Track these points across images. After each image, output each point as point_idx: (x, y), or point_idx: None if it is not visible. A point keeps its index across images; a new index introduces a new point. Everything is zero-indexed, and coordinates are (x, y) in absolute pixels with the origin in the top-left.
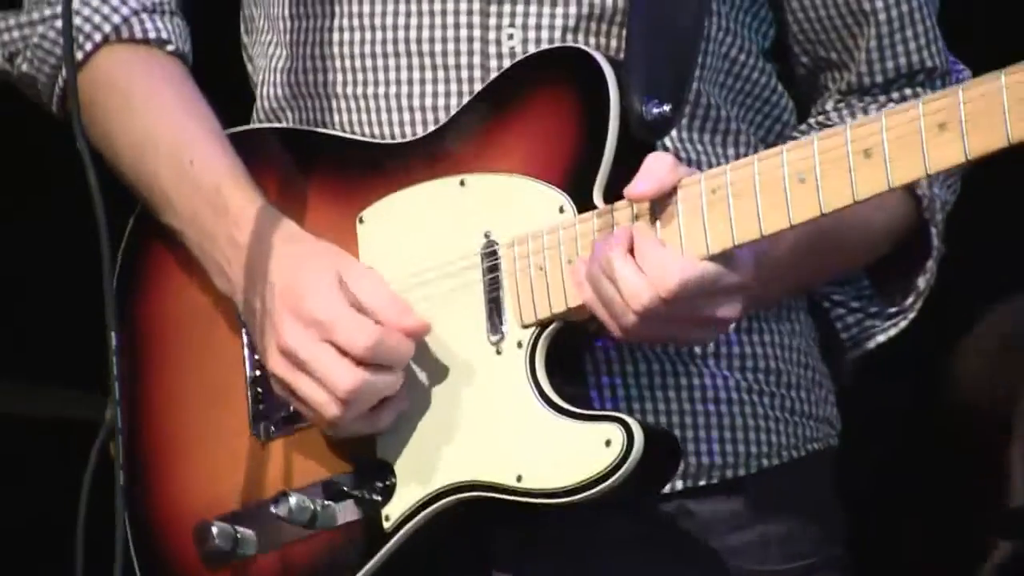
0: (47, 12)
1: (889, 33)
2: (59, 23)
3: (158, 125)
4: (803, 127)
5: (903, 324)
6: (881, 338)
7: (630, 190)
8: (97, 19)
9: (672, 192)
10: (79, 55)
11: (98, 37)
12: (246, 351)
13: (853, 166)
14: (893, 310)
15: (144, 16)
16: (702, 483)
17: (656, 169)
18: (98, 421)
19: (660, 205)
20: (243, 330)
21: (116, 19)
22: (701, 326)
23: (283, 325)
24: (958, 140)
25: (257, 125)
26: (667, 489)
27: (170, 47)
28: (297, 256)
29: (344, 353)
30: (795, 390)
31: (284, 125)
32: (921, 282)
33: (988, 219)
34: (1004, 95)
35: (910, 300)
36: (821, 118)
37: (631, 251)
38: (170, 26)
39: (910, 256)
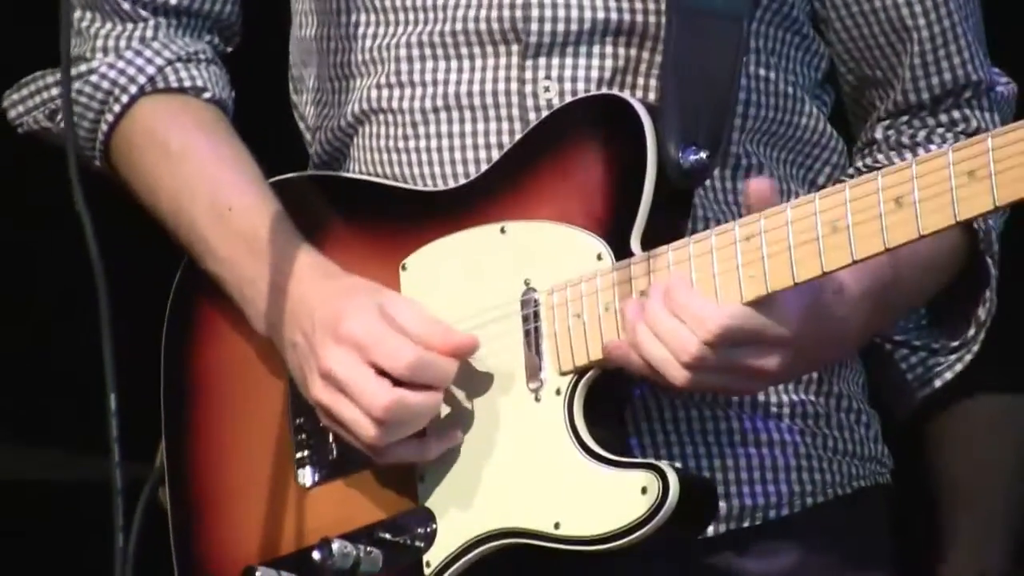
0: (83, 68)
1: (932, 49)
2: (92, 79)
3: (195, 173)
4: (851, 170)
5: (968, 358)
6: (948, 375)
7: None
8: (132, 71)
9: (707, 239)
10: (116, 108)
11: (134, 89)
12: (290, 397)
13: (884, 213)
14: (956, 343)
15: (179, 65)
16: (746, 524)
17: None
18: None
19: (697, 253)
20: (287, 376)
21: (151, 70)
22: (748, 377)
23: (323, 349)
24: (987, 188)
25: (304, 172)
26: (711, 532)
27: (207, 94)
28: (337, 289)
29: (384, 374)
30: (837, 430)
31: (329, 173)
32: (982, 312)
33: None
34: None
35: (972, 331)
36: (868, 150)
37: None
38: (206, 74)
39: (964, 285)
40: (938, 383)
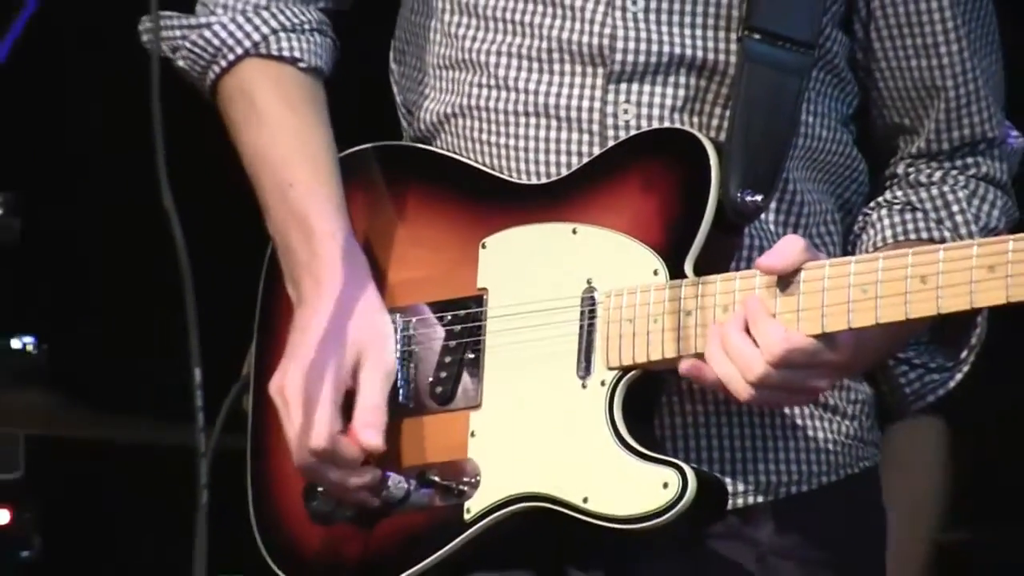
0: (203, 20)
1: (956, 108)
2: (207, 32)
3: (270, 142)
4: (878, 201)
5: (959, 376)
6: (941, 391)
7: (762, 262)
8: (240, 35)
9: (796, 272)
10: (223, 63)
11: (240, 50)
12: None
13: (909, 291)
14: (950, 364)
15: (282, 35)
16: (760, 500)
17: (788, 251)
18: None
19: (784, 282)
20: None
21: (256, 36)
22: (800, 393)
23: (291, 365)
24: (1002, 283)
25: (405, 143)
26: (730, 505)
27: (302, 64)
28: (346, 309)
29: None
30: (849, 419)
31: (427, 147)
32: (973, 338)
33: None
34: None
35: (964, 354)
36: (890, 183)
37: (746, 328)
38: (306, 44)
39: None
40: (931, 398)
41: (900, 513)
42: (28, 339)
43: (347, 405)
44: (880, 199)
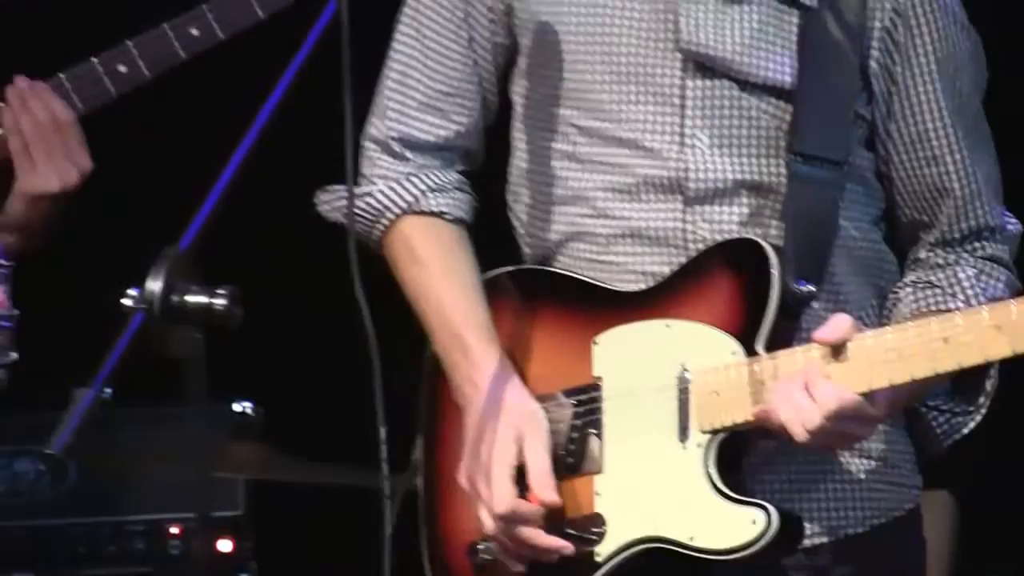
0: (366, 190)
1: (963, 205)
2: (369, 199)
3: (427, 278)
4: (904, 281)
5: (978, 418)
6: (965, 431)
7: (817, 335)
8: (396, 198)
9: (845, 342)
10: (385, 221)
11: (397, 210)
12: None
13: (935, 350)
14: (971, 408)
15: (430, 195)
16: (825, 540)
17: (838, 325)
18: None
19: (836, 350)
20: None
21: (409, 198)
22: (847, 440)
23: (469, 457)
24: (1008, 340)
25: (530, 266)
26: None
27: (448, 216)
28: (502, 403)
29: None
30: (894, 468)
31: (545, 268)
32: (988, 385)
33: None
34: None
35: (981, 399)
36: (914, 266)
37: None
38: (450, 200)
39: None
40: (957, 436)
41: None
42: (247, 403)
43: (519, 477)
44: (905, 279)
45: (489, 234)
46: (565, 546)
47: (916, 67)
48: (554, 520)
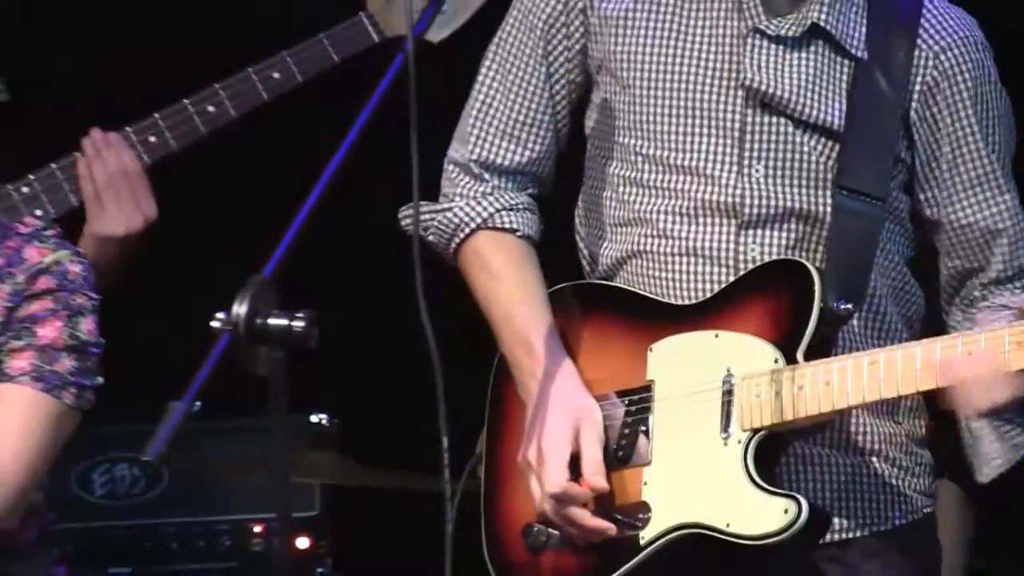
0: (445, 205)
1: (1015, 243)
2: (448, 214)
3: (498, 287)
4: (962, 315)
5: None
6: None
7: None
8: (473, 214)
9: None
10: (461, 235)
11: (473, 225)
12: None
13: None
14: None
15: (504, 213)
16: (850, 535)
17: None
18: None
19: (838, 368)
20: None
21: (485, 214)
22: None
23: (529, 442)
24: None
25: (589, 281)
26: (828, 539)
27: (519, 233)
28: (562, 397)
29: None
30: (916, 478)
31: (607, 283)
32: None
33: None
34: None
35: None
36: (967, 304)
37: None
38: (521, 219)
39: None
40: None
41: None
42: (323, 415)
43: (573, 463)
44: (968, 314)
45: (552, 256)
46: (609, 527)
47: (961, 120)
48: (604, 506)
